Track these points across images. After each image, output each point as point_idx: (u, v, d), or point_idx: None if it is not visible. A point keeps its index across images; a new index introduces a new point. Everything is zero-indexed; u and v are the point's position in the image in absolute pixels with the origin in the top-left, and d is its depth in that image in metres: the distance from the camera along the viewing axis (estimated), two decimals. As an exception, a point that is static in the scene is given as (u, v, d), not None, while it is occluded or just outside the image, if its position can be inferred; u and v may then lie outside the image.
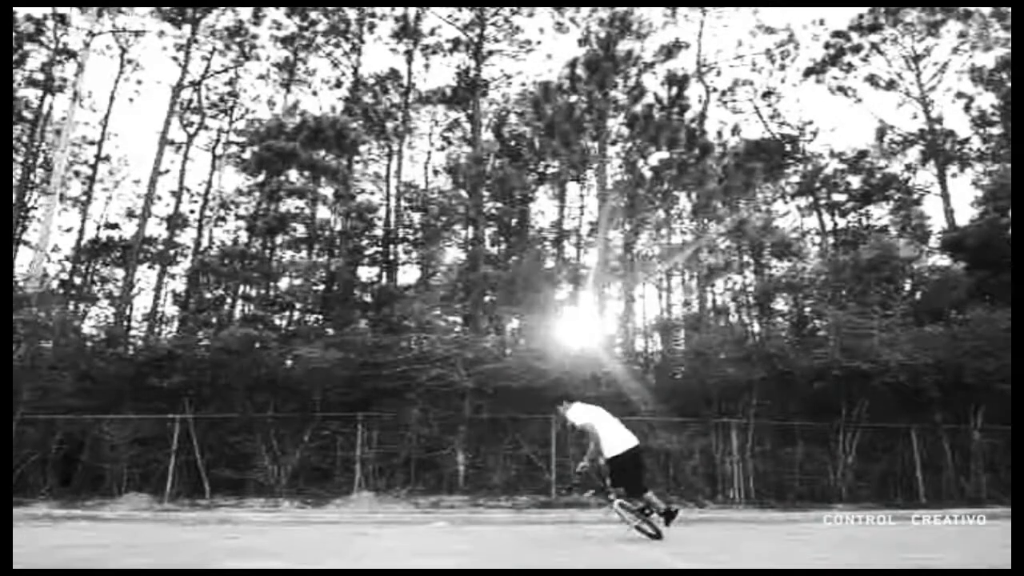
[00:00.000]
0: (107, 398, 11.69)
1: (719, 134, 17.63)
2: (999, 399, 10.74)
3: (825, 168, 23.99)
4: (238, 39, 22.80)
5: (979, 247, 15.00)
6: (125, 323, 20.26)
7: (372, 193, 22.34)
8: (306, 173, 16.99)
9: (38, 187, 22.07)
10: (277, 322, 16.09)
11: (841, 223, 23.68)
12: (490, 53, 22.28)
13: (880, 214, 23.30)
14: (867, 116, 34.58)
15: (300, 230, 17.35)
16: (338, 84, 23.73)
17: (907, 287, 16.41)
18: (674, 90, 14.56)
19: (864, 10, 22.23)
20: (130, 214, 25.19)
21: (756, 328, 19.48)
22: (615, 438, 5.71)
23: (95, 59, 20.32)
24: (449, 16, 22.06)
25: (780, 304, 19.42)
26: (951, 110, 48.64)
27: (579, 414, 5.92)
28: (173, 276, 23.37)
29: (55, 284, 21.55)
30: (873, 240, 16.88)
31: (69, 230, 24.34)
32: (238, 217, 23.23)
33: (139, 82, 23.50)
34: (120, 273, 23.26)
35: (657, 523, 5.56)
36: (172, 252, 23.13)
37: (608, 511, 5.67)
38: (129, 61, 22.44)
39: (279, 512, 9.36)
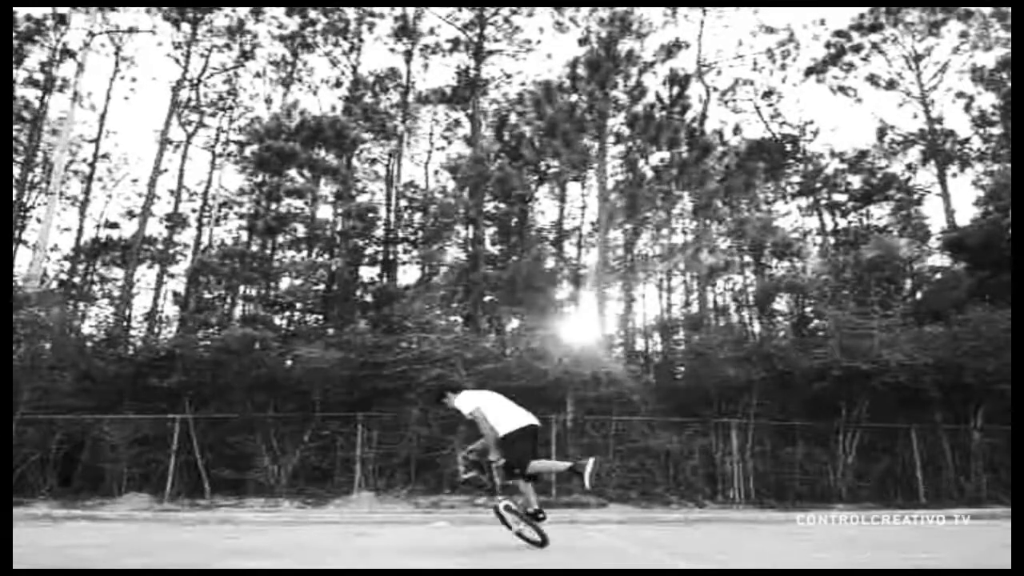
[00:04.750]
0: (107, 398, 11.70)
1: (720, 134, 17.62)
2: (999, 399, 10.74)
3: (826, 168, 24.00)
4: (237, 37, 22.80)
5: (980, 247, 14.99)
6: (125, 323, 20.26)
7: (372, 193, 22.38)
8: (306, 173, 16.99)
9: (38, 187, 22.07)
10: (277, 322, 16.09)
11: (842, 223, 23.70)
12: (490, 53, 22.30)
13: (881, 214, 23.34)
14: (868, 116, 34.74)
15: (300, 230, 17.35)
16: (338, 84, 23.77)
17: (907, 287, 16.42)
18: (675, 90, 14.55)
19: (865, 10, 22.23)
20: (130, 214, 25.20)
21: (756, 328, 19.48)
22: (510, 416, 4.96)
23: (92, 57, 20.33)
24: (448, 16, 22.08)
25: (780, 304, 19.43)
26: (951, 110, 48.57)
27: (467, 401, 5.07)
28: (173, 276, 23.39)
29: (55, 284, 21.57)
30: (874, 240, 16.89)
31: (68, 230, 24.34)
32: (238, 216, 23.25)
33: (134, 79, 23.43)
34: (120, 273, 23.26)
35: (536, 530, 4.82)
36: (172, 252, 23.13)
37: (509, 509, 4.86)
38: (124, 59, 22.45)
39: (279, 512, 9.36)
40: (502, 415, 4.94)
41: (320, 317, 17.27)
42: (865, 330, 11.87)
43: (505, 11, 21.90)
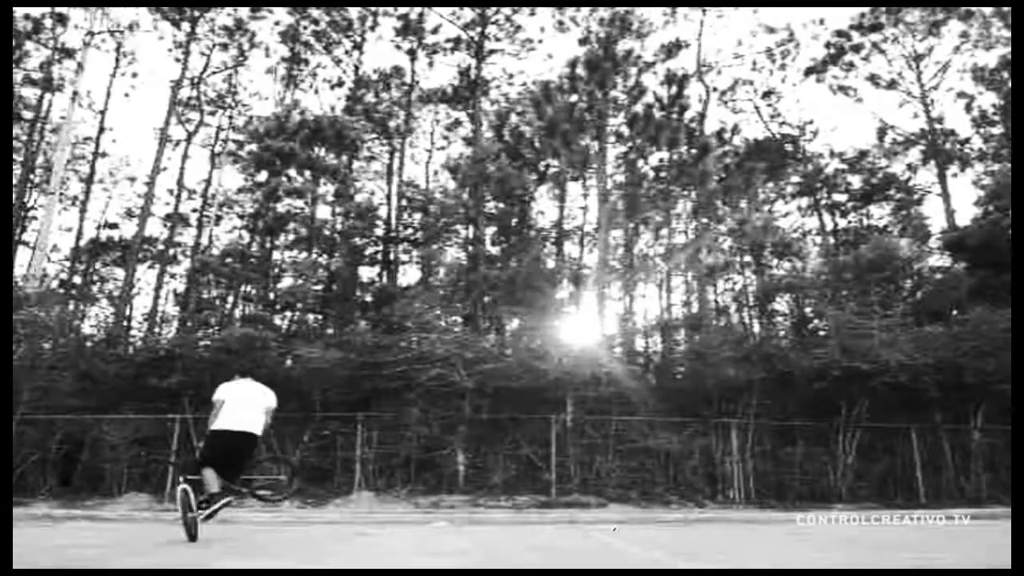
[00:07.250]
0: (107, 398, 11.70)
1: (719, 134, 17.59)
2: (999, 399, 10.75)
3: (826, 168, 23.97)
4: (238, 36, 22.79)
5: (980, 247, 14.98)
6: (125, 323, 20.25)
7: (372, 192, 22.37)
8: (306, 173, 16.99)
9: (38, 187, 22.05)
10: (277, 322, 16.09)
11: (842, 223, 23.67)
12: (491, 52, 22.29)
13: (881, 214, 23.31)
14: (868, 116, 34.62)
15: (300, 230, 17.35)
16: (339, 83, 23.75)
17: (908, 287, 16.41)
18: (674, 90, 14.54)
19: (865, 9, 22.21)
20: (129, 213, 25.19)
21: (756, 328, 19.47)
22: (228, 416, 5.32)
23: (92, 54, 20.29)
24: (451, 14, 22.07)
25: (780, 304, 19.43)
26: (952, 110, 48.65)
27: (222, 389, 5.54)
28: (173, 276, 23.38)
29: (55, 284, 21.55)
30: (874, 240, 16.87)
31: (68, 230, 24.31)
32: (238, 216, 23.24)
33: (135, 75, 23.33)
34: (120, 273, 23.24)
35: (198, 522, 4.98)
36: (172, 252, 23.11)
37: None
38: (124, 54, 22.41)
39: (279, 512, 9.35)
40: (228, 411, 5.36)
41: (320, 317, 17.27)
42: (865, 330, 11.88)
43: (506, 10, 21.90)
